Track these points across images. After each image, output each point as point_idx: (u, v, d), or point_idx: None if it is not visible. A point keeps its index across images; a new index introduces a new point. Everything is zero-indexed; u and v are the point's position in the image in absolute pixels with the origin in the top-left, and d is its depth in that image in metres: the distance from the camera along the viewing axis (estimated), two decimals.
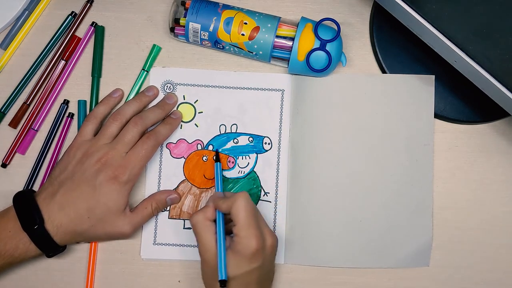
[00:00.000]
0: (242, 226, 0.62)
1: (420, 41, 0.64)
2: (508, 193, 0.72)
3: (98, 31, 0.72)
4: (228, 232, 0.65)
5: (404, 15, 0.62)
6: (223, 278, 0.61)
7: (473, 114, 0.72)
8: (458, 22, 0.59)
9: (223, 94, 0.72)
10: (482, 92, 0.62)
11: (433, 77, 0.71)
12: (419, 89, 0.71)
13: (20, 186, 0.71)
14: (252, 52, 0.69)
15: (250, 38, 0.68)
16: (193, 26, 0.68)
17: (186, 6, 0.69)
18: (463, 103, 0.72)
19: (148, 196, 0.70)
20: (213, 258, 0.62)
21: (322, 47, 0.67)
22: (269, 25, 0.68)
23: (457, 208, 0.72)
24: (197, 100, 0.72)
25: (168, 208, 0.71)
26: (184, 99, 0.72)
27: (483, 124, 0.72)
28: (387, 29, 0.72)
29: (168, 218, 0.71)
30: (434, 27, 0.60)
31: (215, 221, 0.64)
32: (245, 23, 0.68)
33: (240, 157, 0.72)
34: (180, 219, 0.71)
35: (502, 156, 0.72)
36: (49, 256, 0.66)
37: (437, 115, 0.72)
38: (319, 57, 0.67)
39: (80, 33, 0.73)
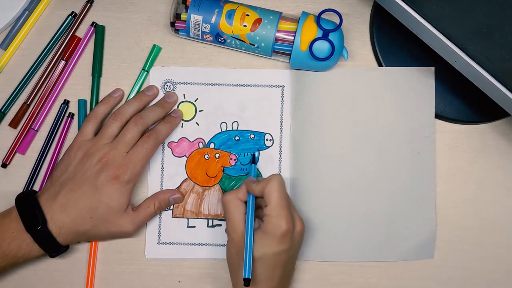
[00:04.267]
0: (275, 206, 0.62)
1: (420, 41, 0.64)
2: (508, 193, 0.72)
3: (98, 31, 0.72)
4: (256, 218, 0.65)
5: (404, 15, 0.62)
6: (247, 276, 0.60)
7: (473, 114, 0.72)
8: (458, 22, 0.59)
9: (223, 92, 0.72)
10: (482, 92, 0.62)
11: (433, 69, 0.71)
12: (420, 81, 0.71)
13: (20, 186, 0.71)
14: (254, 45, 0.69)
15: (252, 29, 0.68)
16: (195, 18, 0.68)
17: (187, 4, 0.69)
18: (463, 103, 0.72)
19: (151, 195, 0.70)
20: (240, 237, 0.63)
21: (325, 37, 0.67)
22: (271, 17, 0.68)
23: (457, 208, 0.72)
24: (197, 99, 0.72)
25: (171, 207, 0.71)
26: (184, 98, 0.72)
27: (483, 124, 0.72)
28: (387, 29, 0.72)
29: (172, 217, 0.71)
30: (434, 27, 0.60)
31: (245, 203, 0.65)
32: (247, 15, 0.68)
33: (242, 154, 0.72)
34: (183, 217, 0.71)
35: (502, 156, 0.72)
36: (52, 256, 0.66)
37: (437, 115, 0.72)
38: (322, 47, 0.67)
39: (80, 33, 0.73)
